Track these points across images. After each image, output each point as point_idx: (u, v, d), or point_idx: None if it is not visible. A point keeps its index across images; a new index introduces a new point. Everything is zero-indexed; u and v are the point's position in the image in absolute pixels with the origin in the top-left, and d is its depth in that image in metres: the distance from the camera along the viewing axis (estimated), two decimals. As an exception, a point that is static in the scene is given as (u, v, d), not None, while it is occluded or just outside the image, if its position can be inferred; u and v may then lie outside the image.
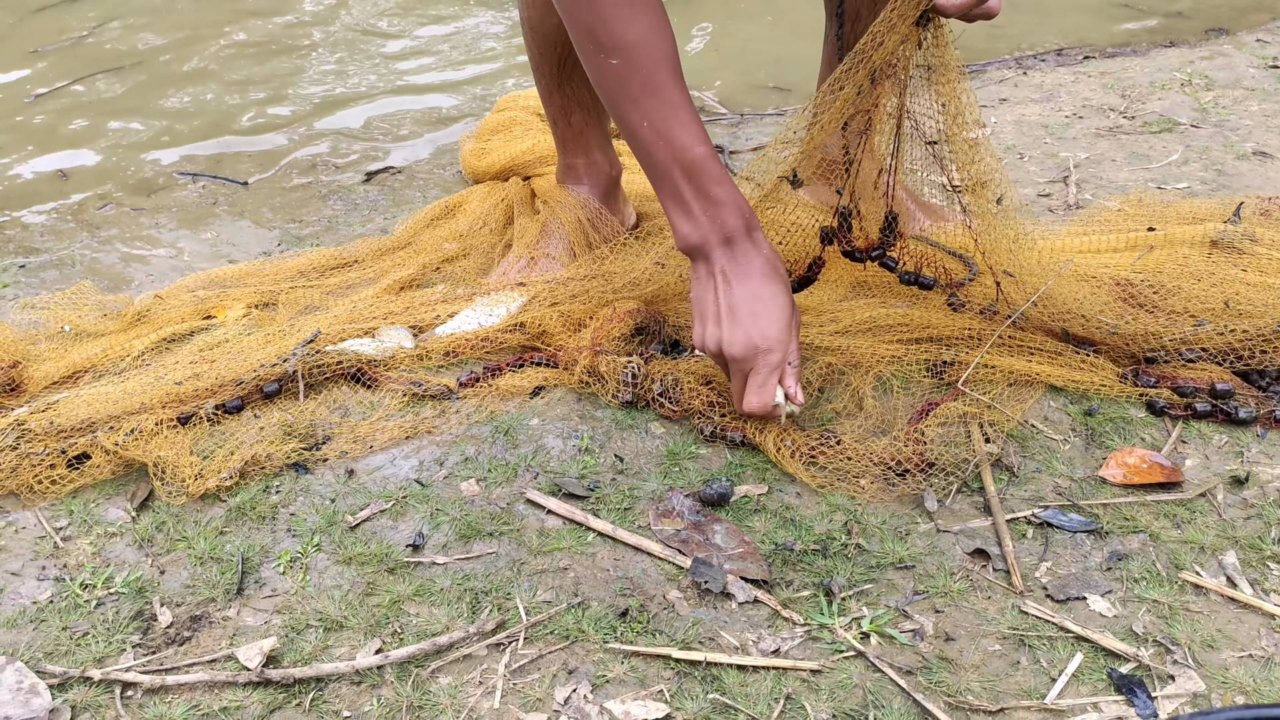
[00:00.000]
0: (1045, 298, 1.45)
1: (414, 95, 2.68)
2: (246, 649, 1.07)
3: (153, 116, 2.56)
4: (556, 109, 1.74)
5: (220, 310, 1.66)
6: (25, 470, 1.29)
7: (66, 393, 1.45)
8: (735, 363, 1.29)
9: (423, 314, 1.61)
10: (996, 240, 1.42)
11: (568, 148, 1.80)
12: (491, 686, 1.03)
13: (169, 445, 1.33)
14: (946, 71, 1.30)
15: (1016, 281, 1.45)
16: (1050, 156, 2.16)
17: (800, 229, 1.53)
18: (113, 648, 1.08)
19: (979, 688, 1.02)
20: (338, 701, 1.02)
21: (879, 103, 1.35)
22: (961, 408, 1.37)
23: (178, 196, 2.17)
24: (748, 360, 1.27)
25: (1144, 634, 1.07)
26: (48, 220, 2.06)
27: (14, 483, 1.29)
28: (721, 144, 2.32)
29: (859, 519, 1.23)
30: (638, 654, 1.06)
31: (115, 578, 1.17)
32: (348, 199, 2.14)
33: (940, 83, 1.31)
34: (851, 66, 1.35)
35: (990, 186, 1.38)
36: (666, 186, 1.28)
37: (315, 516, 1.25)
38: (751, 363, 1.27)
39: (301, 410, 1.42)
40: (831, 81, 1.37)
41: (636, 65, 1.21)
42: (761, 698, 1.01)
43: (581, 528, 1.23)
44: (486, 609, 1.12)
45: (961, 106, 1.32)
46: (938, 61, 1.32)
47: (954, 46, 1.31)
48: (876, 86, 1.34)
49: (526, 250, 1.73)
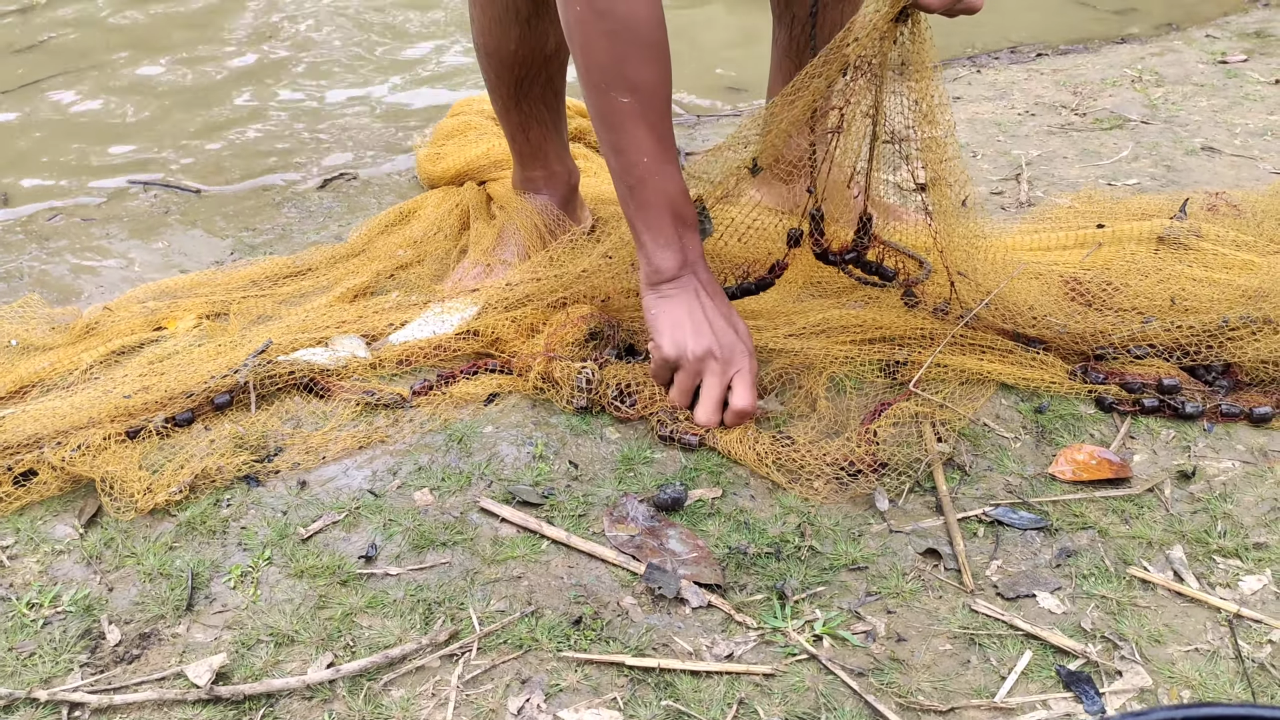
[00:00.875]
0: (996, 297, 1.46)
1: (368, 101, 2.66)
2: (196, 666, 1.06)
3: (102, 124, 2.53)
4: (515, 125, 1.73)
5: (171, 321, 1.65)
6: (-30, 488, 1.27)
7: (13, 409, 1.43)
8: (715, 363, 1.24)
9: (376, 322, 1.60)
10: (954, 240, 1.42)
11: (526, 162, 1.80)
12: (444, 698, 1.03)
13: (117, 460, 1.31)
14: (921, 69, 1.30)
15: (970, 281, 1.46)
16: (1003, 154, 2.18)
17: (760, 231, 1.53)
18: (60, 667, 1.07)
19: (930, 688, 1.03)
20: (289, 717, 1.01)
21: (851, 99, 1.34)
22: (914, 408, 1.38)
23: (129, 206, 2.14)
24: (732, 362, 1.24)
25: (1092, 630, 1.08)
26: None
27: (-42, 501, 1.27)
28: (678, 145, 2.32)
29: (812, 521, 1.24)
30: (591, 662, 1.06)
31: (63, 596, 1.15)
32: (302, 206, 2.12)
33: (914, 79, 1.30)
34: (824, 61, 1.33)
35: (954, 186, 1.38)
36: (648, 218, 1.29)
37: (267, 529, 1.24)
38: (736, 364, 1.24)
39: (253, 422, 1.40)
40: (801, 77, 1.35)
41: (647, 107, 1.24)
42: (715, 703, 1.02)
43: (536, 536, 1.23)
44: (439, 620, 1.12)
45: (933, 104, 1.32)
46: (913, 58, 1.31)
47: (932, 43, 1.30)
48: (852, 83, 1.33)
49: (483, 256, 1.73)
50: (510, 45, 1.60)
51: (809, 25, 1.68)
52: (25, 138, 2.46)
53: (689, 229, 1.30)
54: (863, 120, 1.42)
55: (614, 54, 1.24)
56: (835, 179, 1.47)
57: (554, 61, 1.65)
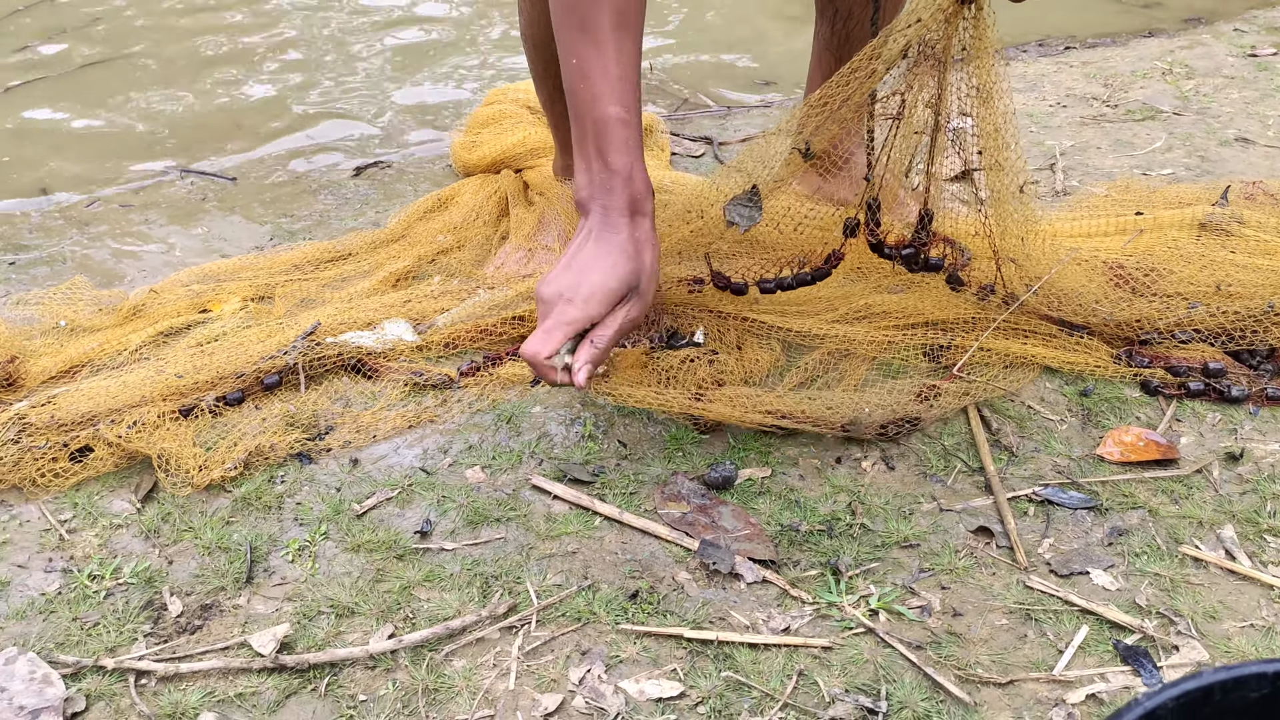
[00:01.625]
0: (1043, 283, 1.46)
1: (401, 89, 2.68)
2: (260, 636, 1.07)
3: (136, 112, 2.55)
4: (559, 115, 1.75)
5: (216, 304, 1.66)
6: (28, 464, 1.28)
7: (65, 387, 1.44)
8: (540, 304, 1.23)
9: (421, 306, 1.61)
10: (1008, 226, 1.42)
11: (568, 149, 1.81)
12: (506, 669, 1.04)
13: (172, 437, 1.33)
14: (983, 55, 1.29)
15: (1018, 267, 1.47)
16: (1036, 145, 2.19)
17: (815, 221, 1.54)
18: (124, 637, 1.08)
19: (988, 660, 1.04)
20: (353, 686, 1.02)
21: (914, 85, 1.34)
22: (959, 390, 1.38)
23: (166, 193, 2.16)
24: (549, 305, 1.21)
25: (1147, 606, 1.09)
26: (36, 217, 2.05)
27: (16, 476, 1.28)
28: (710, 135, 2.33)
29: (863, 500, 1.25)
30: (650, 634, 1.07)
31: (123, 568, 1.17)
32: (338, 193, 2.13)
33: (975, 64, 1.30)
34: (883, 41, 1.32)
35: (1011, 172, 1.38)
36: (576, 133, 1.23)
37: (321, 505, 1.25)
38: (550, 308, 1.21)
39: (303, 401, 1.42)
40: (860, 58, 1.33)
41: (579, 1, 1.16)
42: (774, 674, 1.02)
43: (588, 512, 1.24)
44: (497, 593, 1.13)
45: (993, 91, 1.32)
46: (975, 42, 1.30)
47: (994, 26, 1.29)
48: (915, 68, 1.33)
49: (524, 242, 1.74)
50: None
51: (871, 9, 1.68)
52: (59, 127, 2.48)
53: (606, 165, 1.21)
54: (924, 109, 1.42)
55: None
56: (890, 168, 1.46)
57: None
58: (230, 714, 0.99)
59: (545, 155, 2.02)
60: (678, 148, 2.27)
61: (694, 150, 2.27)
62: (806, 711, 0.99)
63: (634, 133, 1.22)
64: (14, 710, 0.98)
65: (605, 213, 1.22)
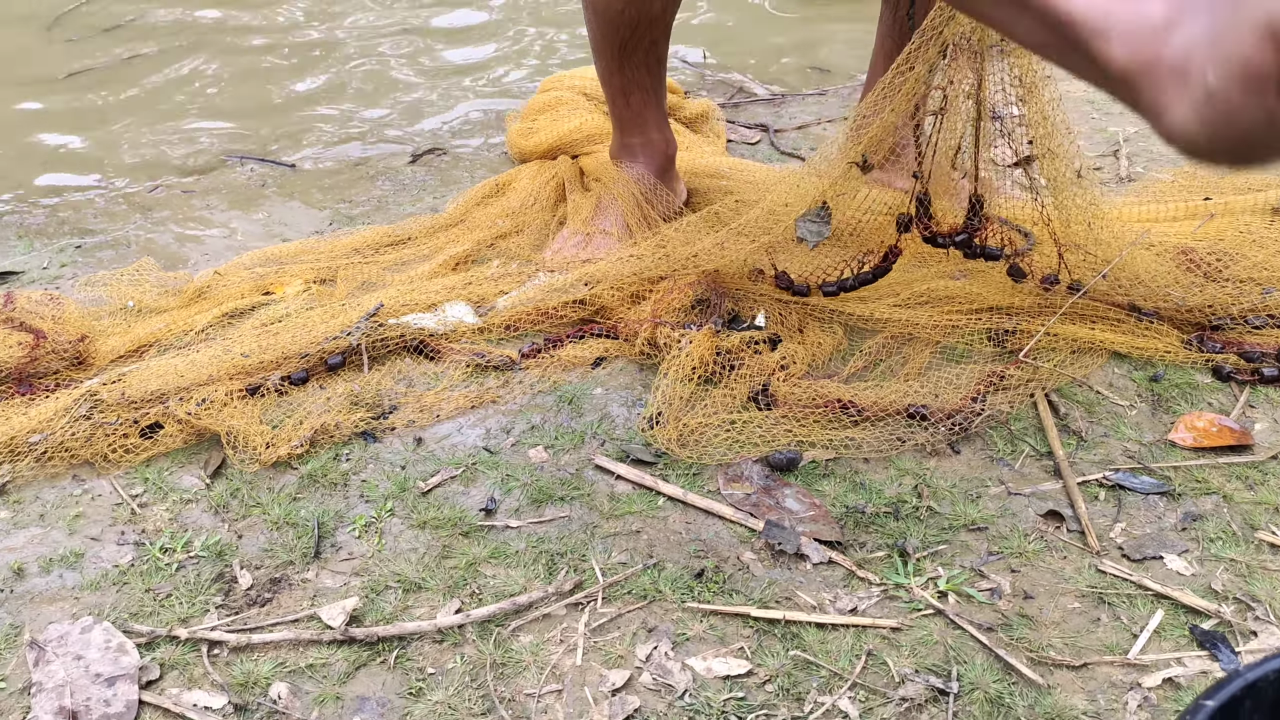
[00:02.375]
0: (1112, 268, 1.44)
1: (457, 77, 2.69)
2: (329, 609, 1.08)
3: (193, 100, 2.58)
4: (616, 89, 1.74)
5: (279, 286, 1.68)
6: (99, 440, 1.30)
7: (134, 366, 1.46)
8: None
9: (482, 289, 1.61)
10: (1071, 211, 1.41)
11: (625, 127, 1.81)
12: (573, 644, 1.04)
13: (239, 415, 1.34)
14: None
15: (1082, 252, 1.45)
16: (1098, 131, 2.15)
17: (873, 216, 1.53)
18: (196, 608, 1.09)
19: (1061, 644, 1.02)
20: (421, 659, 1.03)
21: (954, 80, 1.34)
22: (1025, 376, 1.37)
23: (227, 179, 2.18)
24: None
25: (1223, 591, 1.07)
26: (101, 202, 2.08)
27: (89, 452, 1.30)
28: (765, 122, 2.32)
29: (929, 482, 1.23)
30: (716, 613, 1.07)
31: (194, 542, 1.18)
32: (395, 180, 2.15)
33: (1015, 54, 1.30)
34: (921, 44, 1.33)
35: (1065, 158, 1.37)
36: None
37: (387, 483, 1.26)
38: None
39: (367, 381, 1.43)
40: (899, 64, 1.35)
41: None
42: (843, 654, 1.02)
43: (652, 492, 1.24)
44: (563, 570, 1.13)
45: (1036, 78, 1.31)
46: None
47: None
48: (952, 62, 1.33)
49: (582, 226, 1.74)
50: (618, 5, 1.61)
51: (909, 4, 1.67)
52: (119, 115, 2.52)
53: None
54: (964, 101, 1.41)
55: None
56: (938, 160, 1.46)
57: (659, 24, 1.66)
58: (301, 684, 1.00)
59: (602, 141, 2.02)
60: (734, 135, 2.26)
61: (750, 138, 2.26)
62: (876, 691, 0.98)
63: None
64: (91, 677, 0.99)
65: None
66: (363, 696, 0.99)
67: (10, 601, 1.10)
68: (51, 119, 2.49)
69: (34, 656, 1.02)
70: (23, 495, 1.25)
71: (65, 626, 1.05)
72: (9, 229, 1.96)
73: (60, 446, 1.29)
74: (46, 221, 1.99)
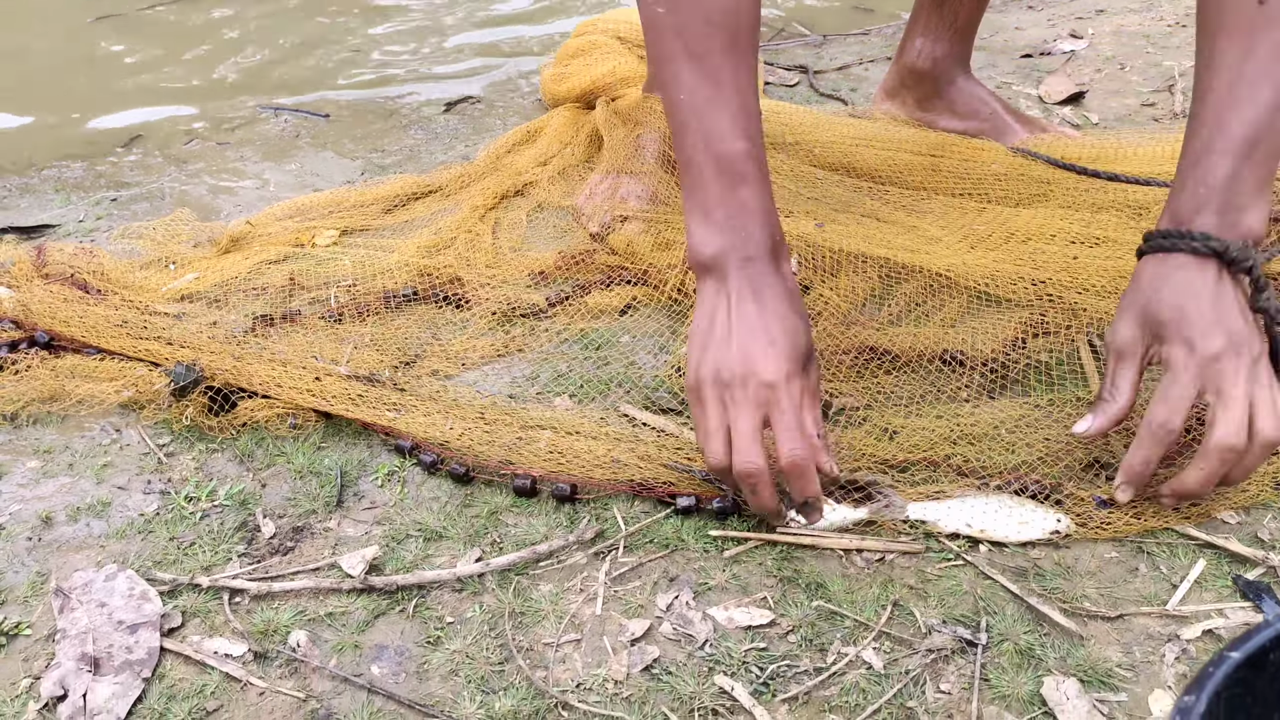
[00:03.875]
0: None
1: (491, 26, 2.65)
2: (349, 557, 1.07)
3: (226, 52, 2.57)
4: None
5: (308, 237, 1.67)
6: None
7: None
8: (705, 390, 1.01)
9: (508, 235, 1.59)
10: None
11: None
12: (593, 593, 1.03)
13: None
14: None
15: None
16: (1153, 66, 2.07)
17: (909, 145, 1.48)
18: (219, 557, 1.09)
19: (1096, 594, 0.99)
20: (440, 608, 1.02)
21: None
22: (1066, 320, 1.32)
23: (260, 130, 2.18)
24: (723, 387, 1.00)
25: (1270, 540, 1.03)
26: (135, 155, 2.08)
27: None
28: (805, 64, 2.26)
29: (963, 430, 1.20)
30: (739, 562, 1.05)
31: (219, 491, 1.18)
32: (428, 129, 2.13)
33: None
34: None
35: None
36: (688, 179, 1.03)
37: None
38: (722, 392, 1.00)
39: (395, 329, 1.41)
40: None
41: (687, 23, 0.99)
42: (868, 604, 0.99)
43: (676, 440, 1.21)
44: (585, 519, 1.11)
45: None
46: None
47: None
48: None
49: (616, 168, 1.70)
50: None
51: None
52: (150, 67, 2.51)
53: (742, 206, 1.01)
54: None
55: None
56: None
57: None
58: (320, 632, 1.00)
59: (635, 84, 1.98)
60: (771, 77, 2.20)
61: (789, 79, 2.20)
62: (903, 641, 0.96)
63: (764, 167, 1.03)
64: (114, 624, 1.00)
65: (746, 264, 1.02)
66: (381, 645, 0.98)
67: (38, 550, 1.11)
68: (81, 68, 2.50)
69: (59, 604, 1.02)
70: (53, 445, 1.26)
71: (90, 574, 1.06)
72: (47, 182, 1.97)
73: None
74: (84, 175, 2.00)
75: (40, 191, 1.93)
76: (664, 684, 0.93)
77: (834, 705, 0.90)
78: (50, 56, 2.60)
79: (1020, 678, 0.91)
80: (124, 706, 0.93)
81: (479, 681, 0.94)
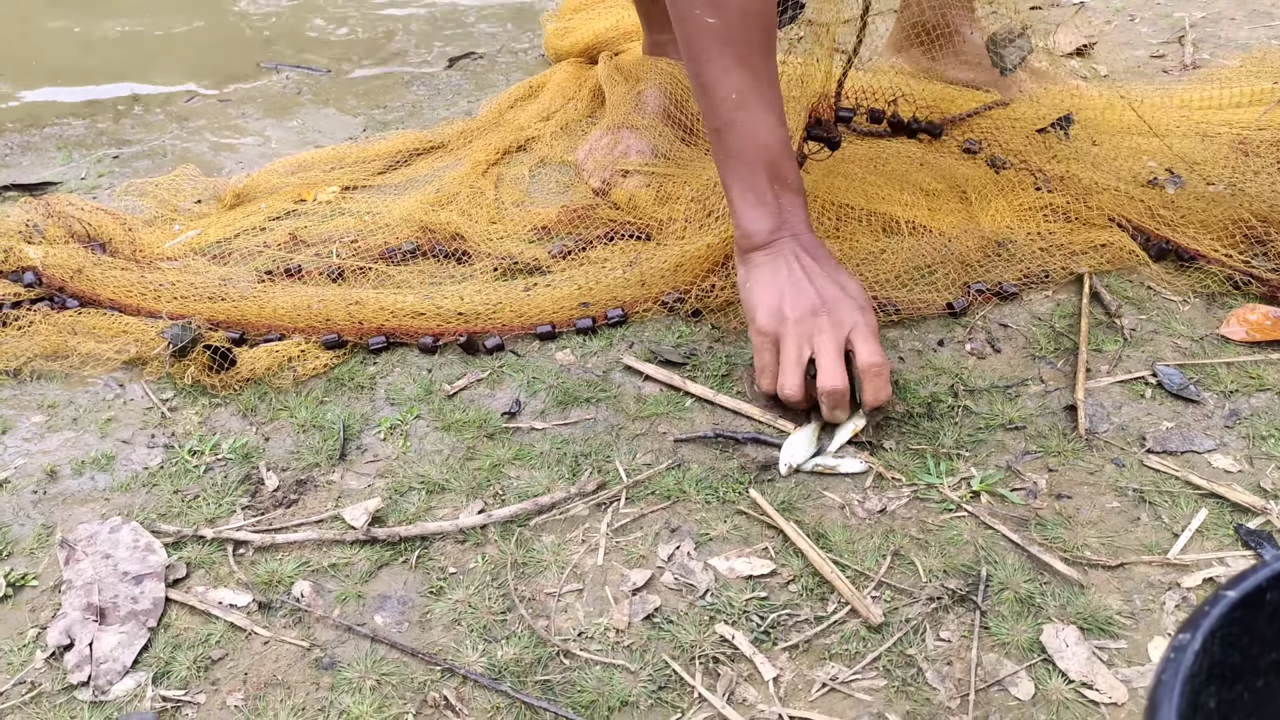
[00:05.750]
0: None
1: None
2: (352, 509, 1.08)
3: (226, 12, 2.55)
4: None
5: (309, 193, 1.66)
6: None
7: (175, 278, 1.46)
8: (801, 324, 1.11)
9: (511, 190, 1.58)
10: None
11: (655, 25, 1.75)
12: (595, 544, 1.03)
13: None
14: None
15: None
16: (1163, 17, 2.04)
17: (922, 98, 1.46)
18: (223, 509, 1.10)
19: (1097, 543, 0.99)
20: (443, 559, 1.02)
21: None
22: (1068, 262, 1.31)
23: (261, 87, 2.17)
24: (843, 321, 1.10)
25: (1273, 490, 1.03)
26: (138, 112, 2.07)
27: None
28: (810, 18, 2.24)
29: (965, 381, 1.20)
30: (741, 512, 1.05)
31: (222, 444, 1.18)
32: (430, 84, 2.11)
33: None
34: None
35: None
36: (737, 171, 1.14)
37: (413, 386, 1.25)
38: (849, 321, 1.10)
39: (395, 284, 1.41)
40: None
41: (735, 30, 1.07)
42: (869, 554, 0.99)
43: (679, 393, 1.21)
44: (586, 471, 1.11)
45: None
46: None
47: None
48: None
49: (618, 122, 1.69)
50: None
51: None
52: (156, 27, 2.50)
53: (787, 188, 1.14)
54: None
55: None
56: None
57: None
58: (324, 583, 1.00)
59: (638, 39, 1.96)
60: (776, 30, 2.18)
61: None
62: (903, 590, 0.96)
63: (792, 150, 1.15)
64: (119, 575, 1.00)
65: (797, 237, 1.15)
66: (384, 595, 0.99)
67: (43, 503, 1.11)
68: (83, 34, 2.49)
69: (64, 555, 1.03)
70: (57, 400, 1.26)
71: (95, 526, 1.06)
72: (49, 140, 1.96)
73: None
74: (85, 133, 1.99)
75: (42, 149, 1.93)
76: (665, 632, 0.93)
77: (834, 653, 0.91)
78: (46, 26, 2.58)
79: (1020, 626, 0.91)
80: (129, 655, 0.93)
81: (481, 630, 0.94)
